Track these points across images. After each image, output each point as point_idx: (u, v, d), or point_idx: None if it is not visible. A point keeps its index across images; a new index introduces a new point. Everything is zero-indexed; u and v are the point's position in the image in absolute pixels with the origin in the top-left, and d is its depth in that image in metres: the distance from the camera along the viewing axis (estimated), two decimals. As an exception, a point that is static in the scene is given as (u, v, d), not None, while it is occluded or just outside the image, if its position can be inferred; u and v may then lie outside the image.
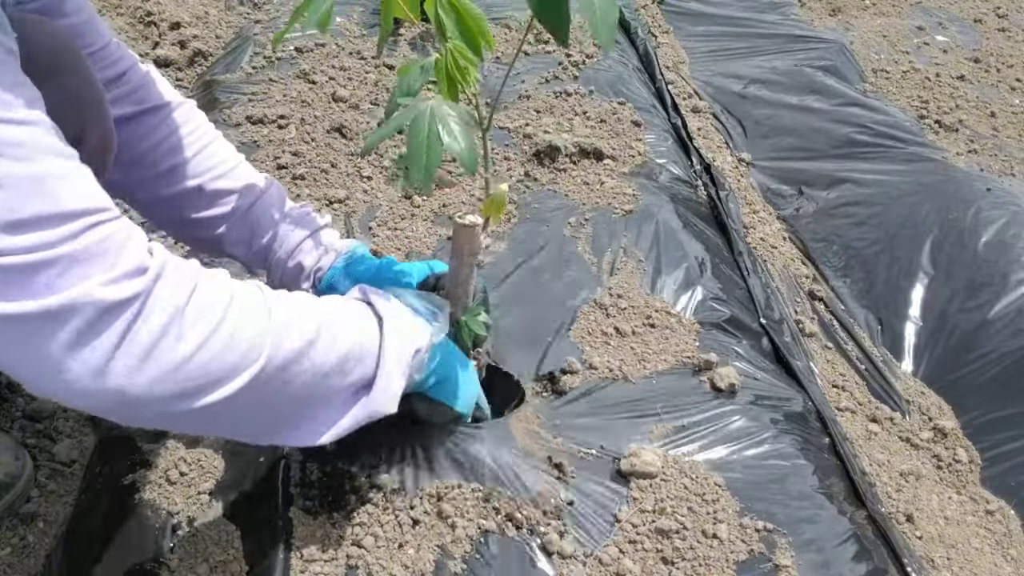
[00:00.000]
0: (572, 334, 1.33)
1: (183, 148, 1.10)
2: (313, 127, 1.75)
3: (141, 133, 1.08)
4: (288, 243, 1.13)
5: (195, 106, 1.15)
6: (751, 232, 1.78)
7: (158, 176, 1.10)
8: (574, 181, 1.70)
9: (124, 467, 1.10)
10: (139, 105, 1.08)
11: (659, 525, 1.03)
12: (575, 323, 1.35)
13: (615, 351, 1.30)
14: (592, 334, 1.33)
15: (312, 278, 1.14)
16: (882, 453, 1.37)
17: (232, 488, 1.05)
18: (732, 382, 1.25)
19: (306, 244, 1.13)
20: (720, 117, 2.20)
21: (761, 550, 1.04)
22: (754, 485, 1.12)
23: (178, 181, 1.10)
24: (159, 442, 1.11)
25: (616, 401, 1.21)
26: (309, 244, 1.13)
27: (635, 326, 1.35)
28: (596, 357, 1.28)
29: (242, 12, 2.19)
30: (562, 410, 1.19)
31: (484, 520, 1.00)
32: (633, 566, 0.99)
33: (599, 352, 1.30)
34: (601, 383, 1.24)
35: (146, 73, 1.10)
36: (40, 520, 1.13)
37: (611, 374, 1.25)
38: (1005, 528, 1.33)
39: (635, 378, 1.25)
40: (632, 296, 1.40)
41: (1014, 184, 1.94)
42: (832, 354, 1.57)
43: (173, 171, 1.10)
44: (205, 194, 1.11)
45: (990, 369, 1.54)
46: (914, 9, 2.84)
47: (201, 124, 1.14)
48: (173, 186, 1.10)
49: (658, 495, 1.07)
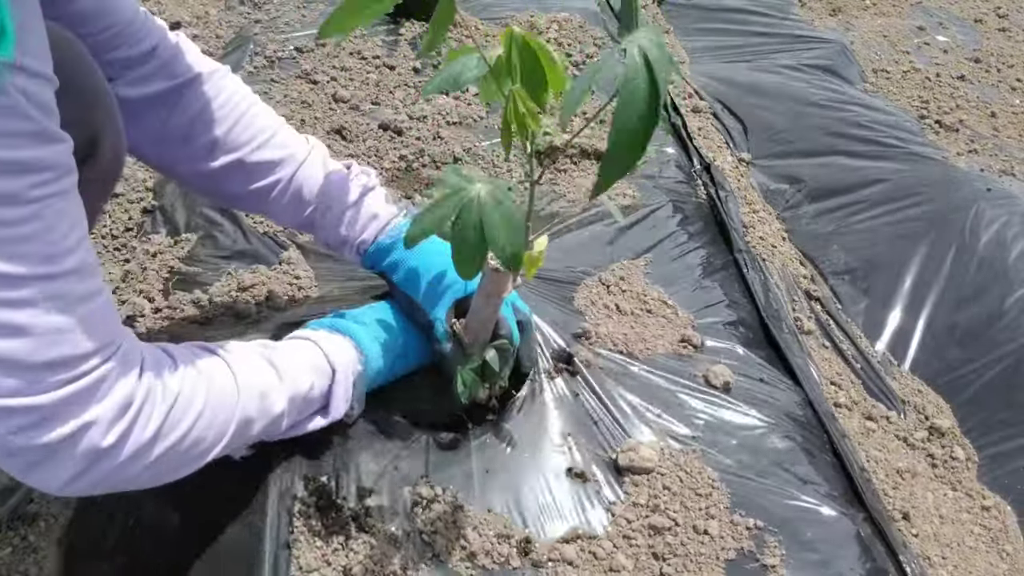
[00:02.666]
0: (576, 301, 1.35)
1: (220, 121, 1.06)
2: (314, 128, 1.75)
3: (176, 109, 1.04)
4: (332, 213, 1.13)
5: (228, 72, 1.10)
6: (750, 231, 1.78)
7: (196, 152, 1.07)
8: (574, 181, 1.70)
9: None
10: (171, 80, 1.03)
11: (652, 521, 1.04)
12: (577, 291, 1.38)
13: (617, 325, 1.32)
14: (595, 304, 1.35)
15: (356, 249, 1.15)
16: (879, 451, 1.37)
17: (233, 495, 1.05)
18: (726, 380, 1.25)
19: (348, 215, 1.12)
20: (720, 117, 2.20)
21: (751, 548, 1.04)
22: (750, 482, 1.13)
23: (217, 155, 1.07)
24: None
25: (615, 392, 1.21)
26: (351, 215, 1.12)
27: (634, 308, 1.36)
28: (601, 327, 1.29)
29: (242, 12, 2.19)
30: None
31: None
32: (626, 561, 1.00)
33: (603, 323, 1.31)
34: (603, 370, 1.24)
35: (176, 44, 1.05)
36: (41, 520, 1.14)
37: (615, 347, 1.27)
38: (1001, 524, 1.33)
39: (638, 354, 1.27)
40: (632, 283, 1.42)
41: (1014, 184, 1.94)
42: (829, 353, 1.57)
43: (211, 145, 1.06)
44: (246, 167, 1.08)
45: (990, 368, 1.55)
46: (914, 9, 2.84)
47: (236, 91, 1.09)
48: (212, 161, 1.07)
49: (652, 490, 1.08)
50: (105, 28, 0.96)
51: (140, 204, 1.57)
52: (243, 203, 1.17)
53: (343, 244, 1.15)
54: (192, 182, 1.14)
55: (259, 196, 1.11)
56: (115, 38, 0.97)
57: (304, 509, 1.00)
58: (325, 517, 1.00)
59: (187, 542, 1.00)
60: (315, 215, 1.14)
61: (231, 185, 1.10)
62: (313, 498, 1.01)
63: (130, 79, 1.01)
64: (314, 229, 1.16)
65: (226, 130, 1.07)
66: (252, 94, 1.12)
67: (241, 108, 1.09)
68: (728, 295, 1.47)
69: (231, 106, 1.07)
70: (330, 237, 1.15)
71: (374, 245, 1.13)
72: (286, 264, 1.42)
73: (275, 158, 1.10)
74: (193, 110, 1.05)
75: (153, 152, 1.08)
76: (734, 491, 1.10)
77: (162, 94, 1.03)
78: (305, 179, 1.12)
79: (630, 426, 1.16)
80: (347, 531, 0.99)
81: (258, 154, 1.08)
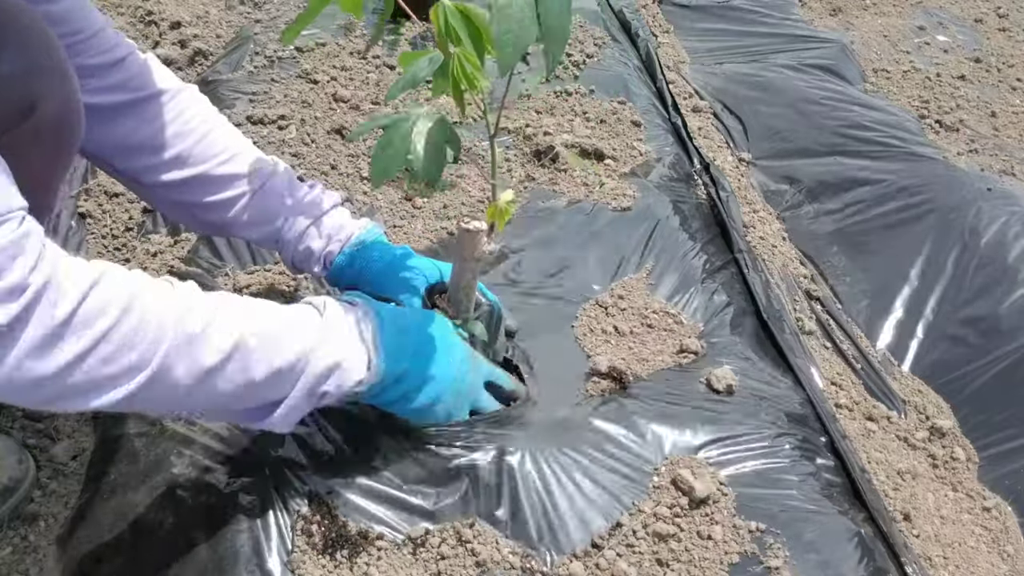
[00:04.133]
0: (576, 330, 1.34)
1: (186, 135, 1.09)
2: (314, 128, 1.74)
3: (142, 120, 1.07)
4: (296, 227, 1.13)
5: (197, 91, 1.13)
6: (751, 232, 1.78)
7: (162, 164, 1.09)
8: (574, 182, 1.70)
9: (125, 468, 1.10)
10: (138, 92, 1.07)
11: (656, 529, 1.04)
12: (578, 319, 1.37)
13: (615, 349, 1.31)
14: (593, 331, 1.35)
15: (323, 262, 1.15)
16: (879, 452, 1.37)
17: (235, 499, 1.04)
18: (729, 383, 1.25)
19: (313, 229, 1.13)
20: (720, 117, 2.20)
21: (754, 551, 1.04)
22: (752, 485, 1.12)
23: (182, 168, 1.09)
24: (159, 443, 1.11)
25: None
26: (318, 227, 1.13)
27: (633, 327, 1.36)
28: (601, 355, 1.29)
29: (242, 11, 2.19)
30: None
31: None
32: (628, 568, 1.00)
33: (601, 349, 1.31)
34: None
35: (145, 61, 1.09)
36: (41, 520, 1.14)
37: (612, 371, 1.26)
38: (1002, 525, 1.33)
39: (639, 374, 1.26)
40: (633, 299, 1.41)
41: (1014, 184, 1.94)
42: (829, 353, 1.57)
43: (177, 159, 1.08)
44: (211, 180, 1.10)
45: (991, 368, 1.54)
46: (915, 9, 2.83)
47: (204, 110, 1.12)
48: (178, 173, 1.09)
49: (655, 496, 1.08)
50: (73, 32, 0.99)
51: (140, 204, 1.57)
52: (208, 215, 1.13)
53: (309, 257, 1.15)
54: (156, 195, 1.14)
55: (222, 209, 1.12)
56: (83, 44, 1.00)
57: (306, 526, 0.99)
58: (326, 532, 0.99)
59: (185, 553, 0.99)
60: (282, 227, 1.14)
61: (196, 196, 1.11)
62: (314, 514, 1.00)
63: (96, 86, 1.03)
64: (280, 244, 1.16)
65: (192, 143, 1.09)
66: (220, 115, 1.15)
67: (208, 126, 1.11)
68: (729, 296, 1.47)
69: (198, 122, 1.10)
70: (296, 251, 1.15)
71: (341, 255, 1.13)
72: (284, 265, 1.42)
73: (241, 172, 1.11)
74: (160, 122, 1.07)
75: (121, 160, 1.09)
76: (737, 494, 1.10)
77: (129, 104, 1.06)
78: (272, 193, 1.13)
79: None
80: (349, 547, 0.99)
81: (224, 168, 1.10)
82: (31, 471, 1.16)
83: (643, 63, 2.23)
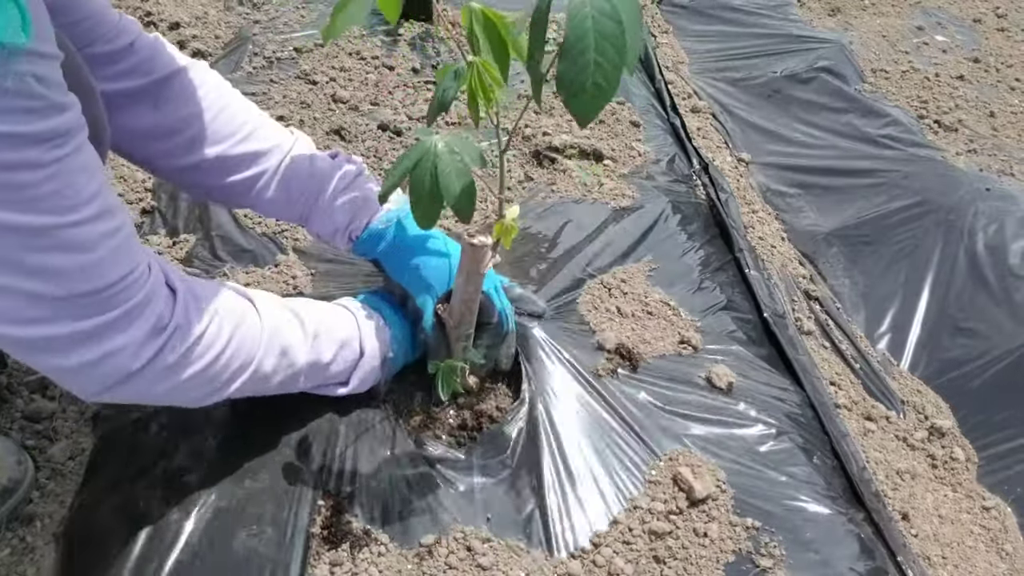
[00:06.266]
0: (580, 305, 1.37)
1: (200, 115, 1.06)
2: (313, 129, 1.74)
3: (157, 104, 1.04)
4: (321, 201, 1.12)
5: (207, 67, 1.10)
6: (750, 232, 1.78)
7: (178, 147, 1.06)
8: (573, 182, 1.70)
9: (124, 468, 1.10)
10: (149, 76, 1.03)
11: (652, 527, 1.04)
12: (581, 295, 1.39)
13: (619, 328, 1.32)
14: (597, 308, 1.37)
15: (348, 235, 1.14)
16: (878, 451, 1.37)
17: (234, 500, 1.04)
18: (730, 380, 1.25)
19: (338, 202, 1.12)
20: (719, 117, 2.20)
21: (750, 549, 1.04)
22: (750, 483, 1.12)
23: (200, 149, 1.06)
24: (159, 443, 1.11)
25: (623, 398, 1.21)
26: (342, 201, 1.12)
27: (635, 310, 1.37)
28: (607, 331, 1.30)
29: (241, 12, 2.19)
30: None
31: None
32: (625, 565, 1.00)
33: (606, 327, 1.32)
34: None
35: (154, 40, 1.05)
36: (39, 521, 1.13)
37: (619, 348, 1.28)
38: (1000, 525, 1.33)
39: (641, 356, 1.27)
40: (634, 285, 1.42)
41: (1013, 184, 1.94)
42: (828, 353, 1.57)
43: (193, 140, 1.06)
44: (230, 159, 1.08)
45: (990, 368, 1.54)
46: (914, 9, 2.84)
47: (216, 86, 1.09)
48: (195, 155, 1.06)
49: (652, 493, 1.08)
50: (80, 20, 0.96)
51: (140, 204, 1.57)
52: (229, 195, 1.14)
53: (335, 232, 1.14)
54: (176, 177, 1.12)
55: (244, 188, 1.10)
56: (90, 32, 0.97)
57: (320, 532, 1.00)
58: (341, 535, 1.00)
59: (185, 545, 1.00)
60: (305, 205, 1.13)
61: (215, 177, 1.09)
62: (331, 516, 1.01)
63: (110, 74, 1.00)
64: (304, 220, 1.15)
65: (207, 123, 1.07)
66: (232, 88, 1.12)
67: (222, 103, 1.08)
68: (728, 295, 1.47)
69: (211, 100, 1.07)
70: (322, 226, 1.14)
71: (366, 231, 1.13)
72: (283, 265, 1.42)
73: (260, 149, 1.09)
74: (175, 104, 1.05)
75: (138, 147, 1.07)
76: (735, 492, 1.10)
77: (143, 89, 1.03)
78: (292, 169, 1.11)
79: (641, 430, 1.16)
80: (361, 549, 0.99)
81: (241, 146, 1.08)
82: (30, 472, 1.15)
83: (642, 63, 2.23)
